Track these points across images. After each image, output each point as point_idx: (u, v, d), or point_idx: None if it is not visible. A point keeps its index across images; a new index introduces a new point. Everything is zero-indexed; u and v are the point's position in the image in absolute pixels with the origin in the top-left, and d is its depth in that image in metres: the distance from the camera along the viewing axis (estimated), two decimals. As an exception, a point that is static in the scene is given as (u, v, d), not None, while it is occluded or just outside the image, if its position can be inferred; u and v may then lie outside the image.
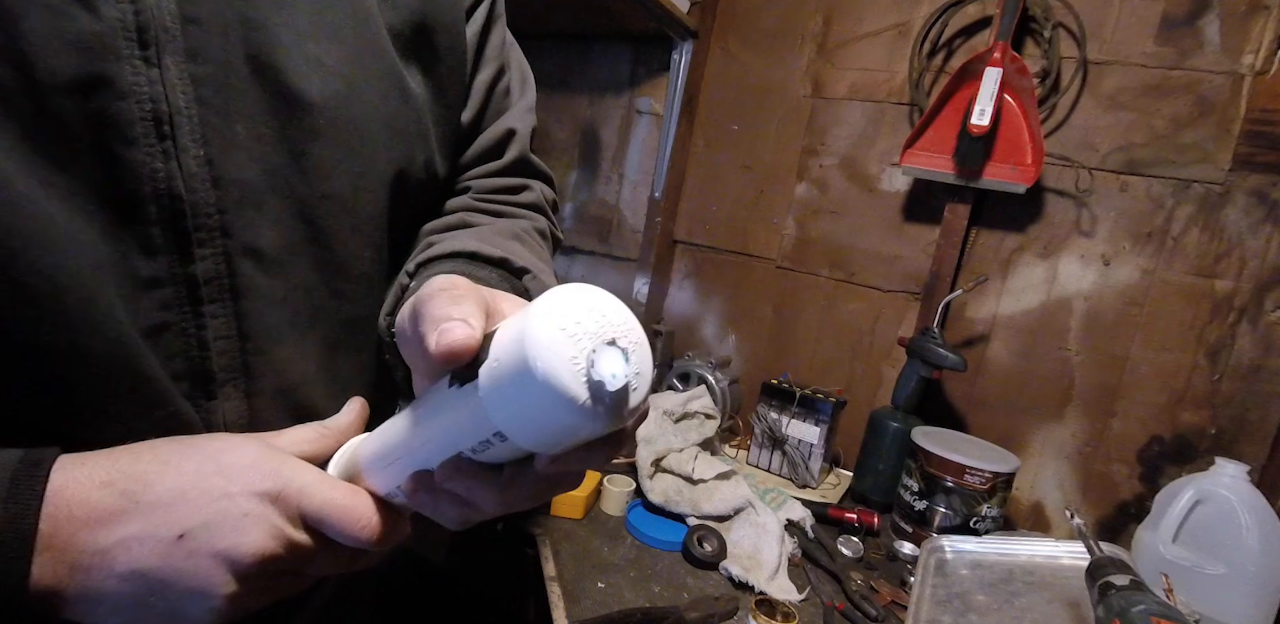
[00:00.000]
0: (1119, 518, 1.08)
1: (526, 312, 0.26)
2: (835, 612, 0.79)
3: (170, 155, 0.32)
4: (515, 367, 0.25)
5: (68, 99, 0.29)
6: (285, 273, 0.38)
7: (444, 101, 0.46)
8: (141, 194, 0.32)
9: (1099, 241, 1.08)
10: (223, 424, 0.37)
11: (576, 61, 1.56)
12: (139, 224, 0.32)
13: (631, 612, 0.73)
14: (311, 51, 0.37)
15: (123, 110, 0.31)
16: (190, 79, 0.33)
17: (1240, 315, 1.00)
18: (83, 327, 0.30)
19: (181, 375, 0.35)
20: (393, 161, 0.42)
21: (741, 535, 0.89)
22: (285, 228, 0.37)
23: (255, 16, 0.35)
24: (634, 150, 1.52)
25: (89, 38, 0.29)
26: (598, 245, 1.60)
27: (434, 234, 0.47)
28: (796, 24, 1.31)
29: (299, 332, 0.39)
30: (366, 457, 0.34)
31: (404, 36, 0.42)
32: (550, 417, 0.25)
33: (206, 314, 0.35)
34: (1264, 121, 0.96)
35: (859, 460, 1.14)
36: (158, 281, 0.33)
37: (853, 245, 1.28)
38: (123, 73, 0.30)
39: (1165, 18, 1.01)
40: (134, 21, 0.30)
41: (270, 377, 0.38)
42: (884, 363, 1.26)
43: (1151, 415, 1.06)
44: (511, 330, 0.26)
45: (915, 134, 1.11)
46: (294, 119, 0.37)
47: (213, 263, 0.35)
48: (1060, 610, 0.70)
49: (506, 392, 0.26)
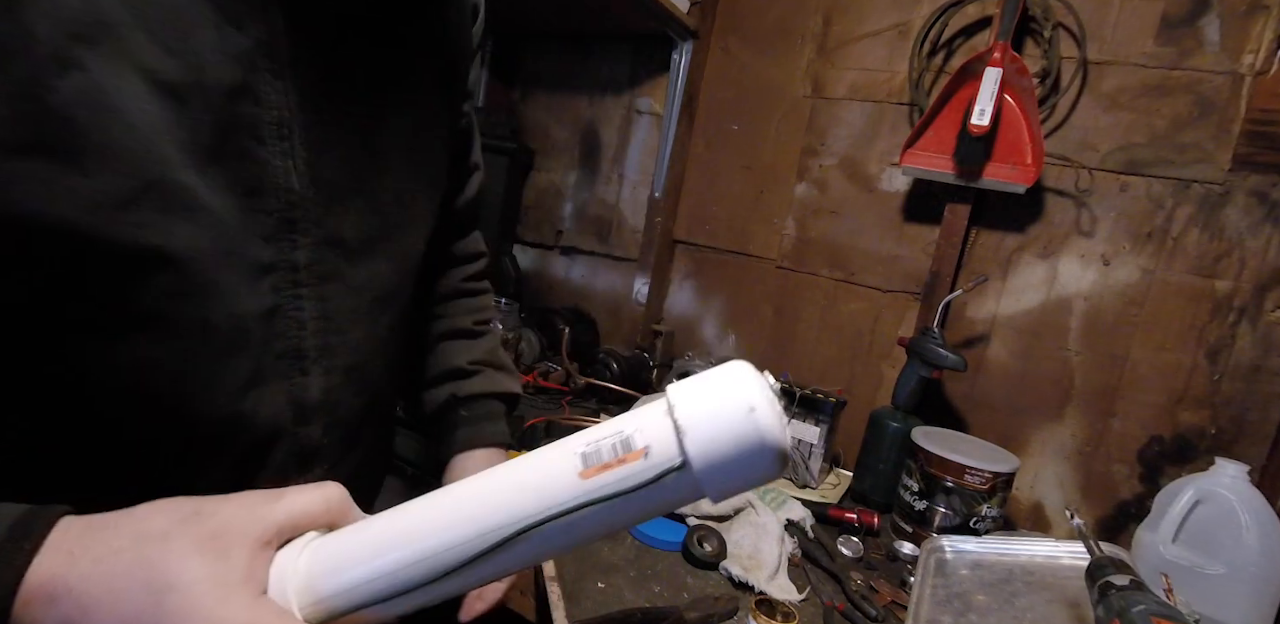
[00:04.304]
0: (1119, 518, 1.08)
1: (738, 383, 0.29)
2: (835, 612, 0.79)
3: (287, 155, 0.38)
4: (727, 382, 0.29)
5: (224, 101, 0.34)
6: (363, 262, 0.43)
7: (453, 124, 0.54)
8: (264, 187, 0.37)
9: (1099, 241, 1.08)
10: (310, 400, 0.42)
11: (576, 61, 1.56)
12: (261, 213, 0.37)
13: (631, 612, 0.73)
14: (389, 71, 0.44)
15: (258, 115, 0.36)
16: (300, 91, 0.38)
17: (1240, 315, 1.00)
18: (210, 305, 0.35)
19: (283, 354, 0.40)
20: (431, 166, 0.51)
21: (741, 535, 0.89)
22: (366, 222, 0.43)
23: (349, 37, 0.41)
24: (634, 150, 1.52)
25: (240, 52, 0.35)
26: (598, 245, 1.60)
27: (453, 336, 0.64)
28: (796, 24, 1.31)
29: (372, 315, 0.45)
30: (375, 578, 0.29)
31: (444, 66, 0.50)
32: (741, 426, 0.28)
33: (304, 297, 0.40)
34: (1264, 121, 0.96)
35: (859, 460, 1.14)
36: (272, 266, 0.38)
37: (853, 245, 1.28)
38: (260, 82, 0.36)
39: (1165, 18, 1.01)
40: (269, 40, 0.36)
41: (345, 355, 0.43)
42: (884, 363, 1.26)
43: (1151, 415, 1.05)
44: (716, 370, 0.30)
45: (915, 134, 1.11)
46: (375, 128, 0.43)
47: (310, 251, 0.40)
48: (1060, 610, 0.70)
49: (709, 399, 0.28)
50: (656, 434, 0.28)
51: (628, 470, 0.28)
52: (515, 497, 0.29)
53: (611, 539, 0.90)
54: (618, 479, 0.28)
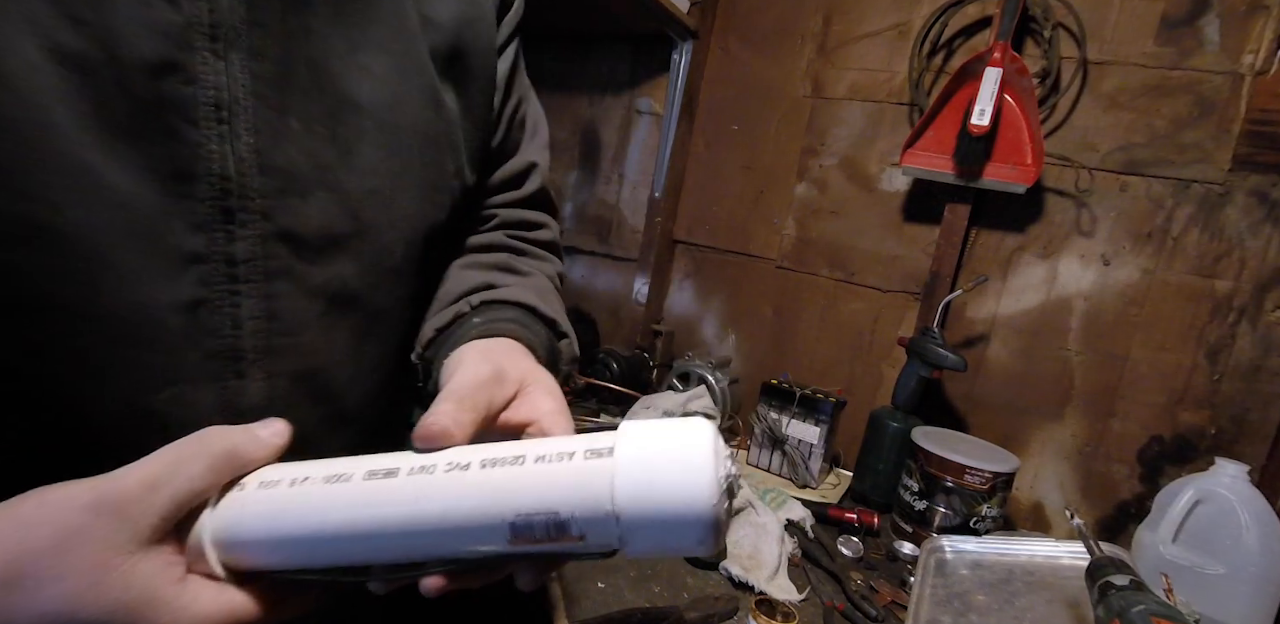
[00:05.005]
0: (1119, 518, 1.08)
1: (692, 434, 0.28)
2: (835, 612, 0.79)
3: (225, 139, 0.35)
4: (681, 480, 0.26)
5: (144, 78, 0.32)
6: (324, 260, 0.40)
7: (472, 118, 0.50)
8: (196, 171, 0.35)
9: (1099, 241, 1.08)
10: (249, 404, 0.38)
11: (576, 61, 1.56)
12: (190, 199, 0.35)
13: (631, 612, 0.73)
14: (362, 60, 0.41)
15: (189, 94, 0.34)
16: (250, 74, 0.36)
17: (1240, 315, 1.00)
18: (107, 290, 0.33)
19: (214, 353, 0.37)
20: (427, 165, 0.46)
21: (741, 535, 0.89)
22: (329, 218, 0.40)
23: (315, 26, 0.38)
24: (634, 150, 1.52)
25: (169, 28, 0.33)
26: (598, 245, 1.60)
27: (481, 267, 0.53)
28: (796, 24, 1.31)
29: (330, 318, 0.42)
30: (289, 523, 0.29)
31: (442, 57, 0.46)
32: (685, 532, 0.27)
33: (242, 293, 0.37)
34: (1264, 121, 0.96)
35: (859, 460, 1.14)
36: (199, 257, 0.35)
37: (853, 245, 1.28)
38: (193, 61, 0.34)
39: (1165, 18, 1.01)
40: (208, 19, 0.34)
41: (294, 359, 0.40)
42: (884, 363, 1.26)
43: (1151, 415, 1.06)
44: (674, 443, 0.28)
45: (915, 134, 1.11)
46: (345, 120, 0.40)
47: (251, 243, 0.37)
48: (1060, 610, 0.70)
49: (656, 501, 0.26)
50: (592, 522, 0.27)
51: (557, 546, 0.28)
52: (436, 526, 0.28)
53: (611, 539, 0.90)
54: (544, 548, 0.28)
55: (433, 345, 0.47)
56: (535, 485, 0.28)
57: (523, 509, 0.27)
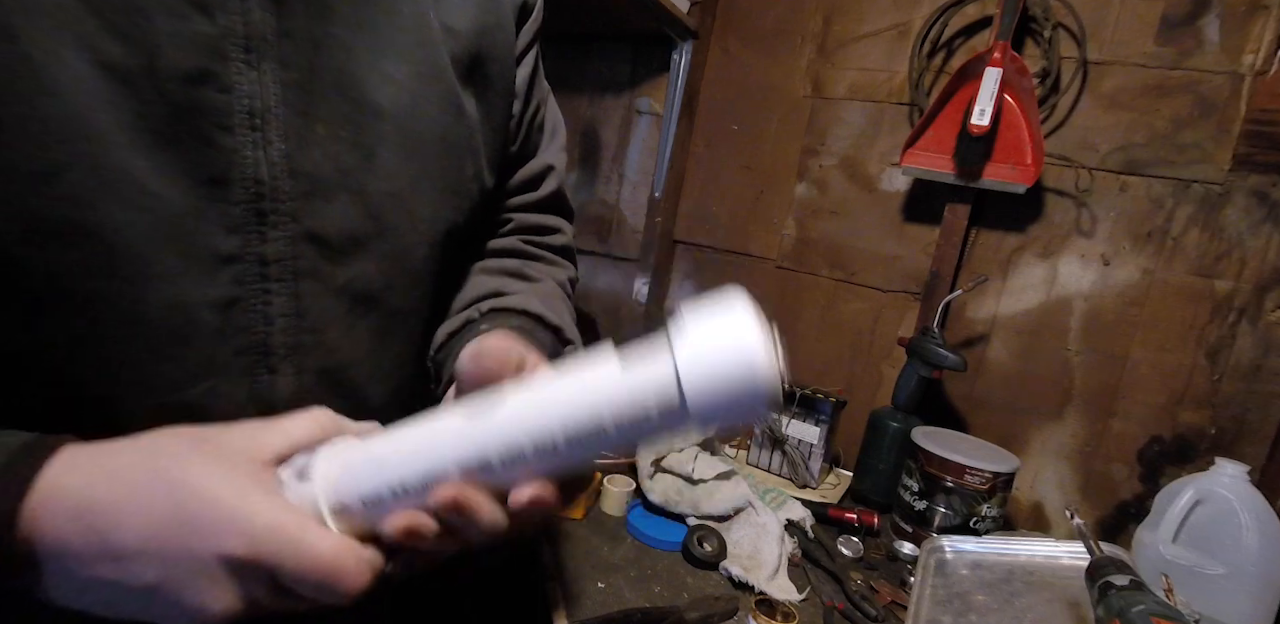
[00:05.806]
0: (1119, 518, 1.08)
1: (741, 313, 0.30)
2: (835, 612, 0.79)
3: (259, 145, 0.37)
4: (739, 346, 0.28)
5: (181, 87, 0.34)
6: (346, 261, 0.42)
7: (492, 123, 0.52)
8: (231, 176, 0.36)
9: (1099, 241, 1.08)
10: (279, 398, 0.40)
11: (576, 61, 1.56)
12: (225, 203, 0.36)
13: (631, 612, 0.73)
14: (384, 68, 0.42)
15: (224, 102, 0.36)
16: (280, 83, 0.37)
17: (1240, 315, 1.00)
18: (147, 289, 0.34)
19: (246, 349, 0.39)
20: (447, 169, 0.47)
21: (741, 535, 0.89)
22: (352, 220, 0.42)
23: (339, 35, 0.40)
24: (634, 150, 1.52)
25: (205, 39, 0.35)
26: (598, 245, 1.60)
27: (494, 272, 0.55)
28: (796, 24, 1.31)
29: (353, 317, 0.43)
30: (372, 479, 0.31)
31: (462, 64, 0.48)
32: (752, 399, 0.28)
33: (273, 292, 0.39)
34: (1264, 121, 0.96)
35: (859, 460, 1.14)
36: (234, 258, 0.37)
37: (853, 245, 1.28)
38: (228, 71, 0.36)
39: (1165, 18, 1.01)
40: (242, 30, 0.36)
41: (320, 356, 0.42)
42: (884, 363, 1.26)
43: (1151, 415, 1.06)
44: (726, 318, 0.30)
45: (915, 134, 1.11)
46: (367, 125, 0.42)
47: (281, 244, 0.39)
48: (1060, 610, 0.70)
49: (718, 370, 0.28)
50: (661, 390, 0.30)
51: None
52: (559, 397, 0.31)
53: (611, 539, 0.90)
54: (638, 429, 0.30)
55: (443, 349, 0.50)
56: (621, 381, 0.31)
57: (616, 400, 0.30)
